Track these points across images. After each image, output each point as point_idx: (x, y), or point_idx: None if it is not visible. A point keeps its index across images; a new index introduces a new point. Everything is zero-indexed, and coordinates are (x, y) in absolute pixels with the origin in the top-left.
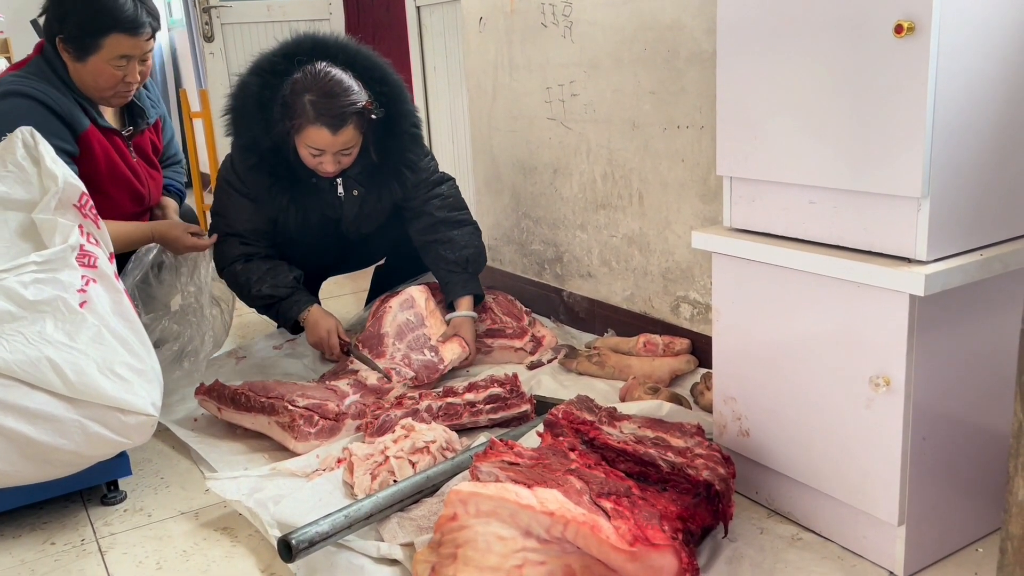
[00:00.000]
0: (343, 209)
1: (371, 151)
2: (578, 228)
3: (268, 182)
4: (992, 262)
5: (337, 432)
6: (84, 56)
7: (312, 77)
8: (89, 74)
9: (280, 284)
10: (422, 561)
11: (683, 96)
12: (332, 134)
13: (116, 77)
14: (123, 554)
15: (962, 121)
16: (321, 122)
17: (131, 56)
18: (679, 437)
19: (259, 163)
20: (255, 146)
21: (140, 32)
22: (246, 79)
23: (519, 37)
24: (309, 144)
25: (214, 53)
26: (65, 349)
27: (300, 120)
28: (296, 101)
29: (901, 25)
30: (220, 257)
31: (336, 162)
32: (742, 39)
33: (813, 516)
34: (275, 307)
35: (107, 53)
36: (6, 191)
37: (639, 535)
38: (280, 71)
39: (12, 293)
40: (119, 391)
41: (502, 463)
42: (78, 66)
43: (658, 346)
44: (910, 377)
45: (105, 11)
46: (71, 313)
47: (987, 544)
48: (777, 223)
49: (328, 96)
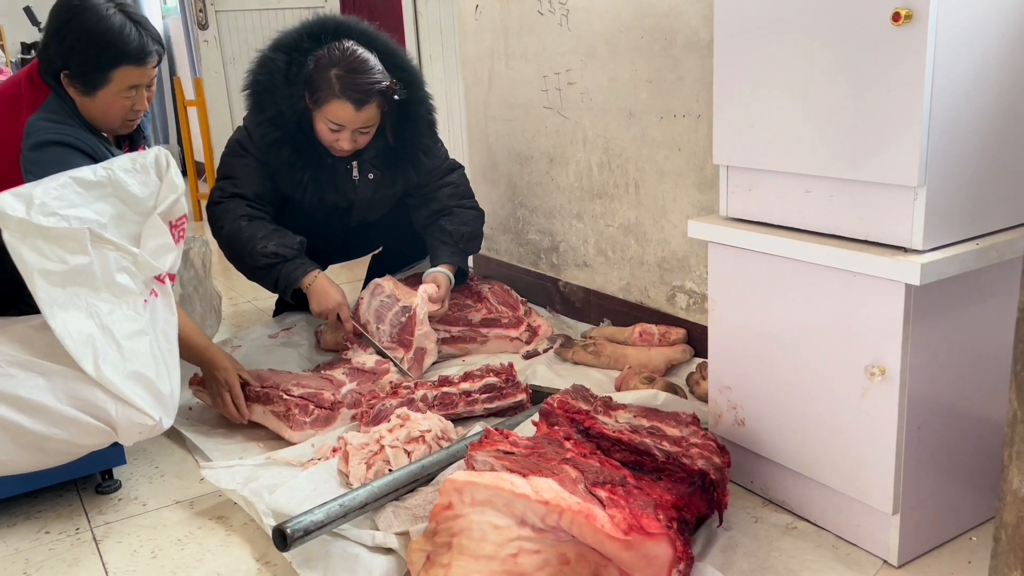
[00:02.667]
0: (357, 192)
1: (388, 135)
2: (574, 217)
3: (291, 157)
4: (988, 251)
5: (332, 421)
6: (92, 91)
7: (339, 53)
8: (98, 109)
9: (287, 244)
10: (417, 550)
11: (680, 85)
12: (356, 110)
13: (125, 107)
14: (118, 543)
15: (959, 110)
16: (346, 96)
17: (139, 85)
18: (674, 426)
19: (283, 137)
20: (280, 120)
21: (147, 61)
22: (270, 55)
23: (515, 25)
24: (330, 118)
25: (208, 41)
26: (109, 338)
27: (324, 93)
28: (321, 75)
29: (899, 13)
30: (222, 215)
31: (353, 140)
32: (739, 27)
33: (808, 505)
34: (278, 268)
35: (116, 86)
36: (134, 185)
37: (634, 524)
38: (305, 49)
39: (109, 267)
40: (136, 399)
41: (497, 452)
42: (86, 100)
43: (654, 336)
44: (905, 366)
45: (111, 45)
46: (134, 312)
47: (981, 533)
48: (773, 212)
49: (355, 72)
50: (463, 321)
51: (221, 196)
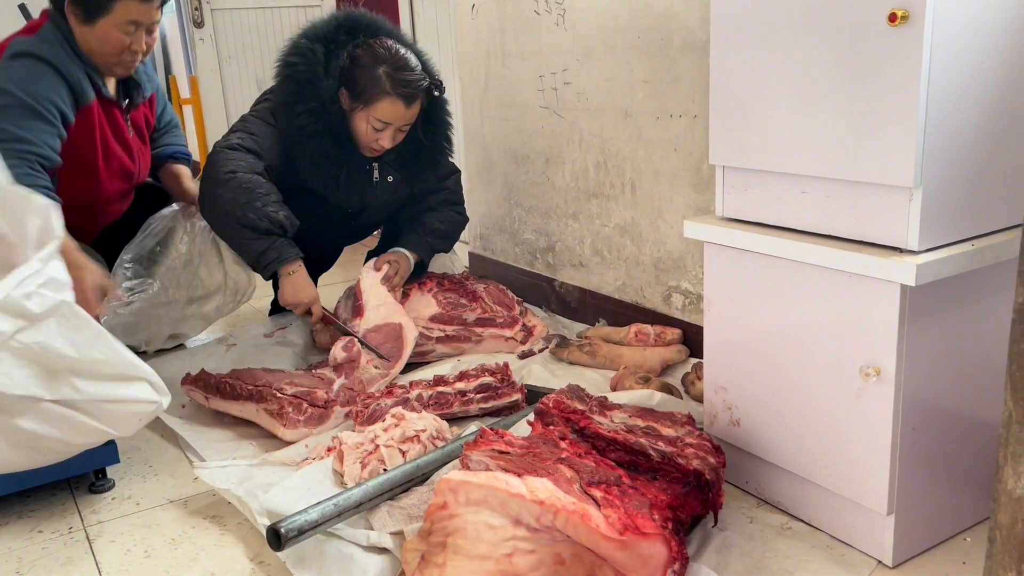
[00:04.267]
0: (375, 195)
1: (419, 134)
2: (570, 217)
3: (331, 152)
4: (983, 252)
5: (326, 420)
6: (93, 18)
7: (385, 51)
8: (96, 38)
9: (292, 222)
10: (412, 550)
11: (676, 85)
12: (406, 107)
13: (123, 43)
14: (111, 542)
15: (955, 111)
16: (398, 94)
17: (140, 23)
18: (670, 426)
19: (324, 131)
20: (323, 113)
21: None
22: (308, 44)
23: (512, 24)
24: (379, 116)
25: (204, 39)
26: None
27: (374, 92)
28: (366, 73)
29: (895, 14)
30: (238, 160)
31: (393, 138)
32: (736, 28)
33: (802, 505)
34: (275, 238)
35: (116, 17)
36: None
37: (629, 524)
38: (341, 42)
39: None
40: (131, 391)
41: (492, 452)
42: (85, 29)
43: (649, 336)
44: (900, 367)
45: None
46: (74, 318)
47: (975, 533)
48: (769, 212)
49: (404, 70)
50: (458, 320)
51: (240, 144)
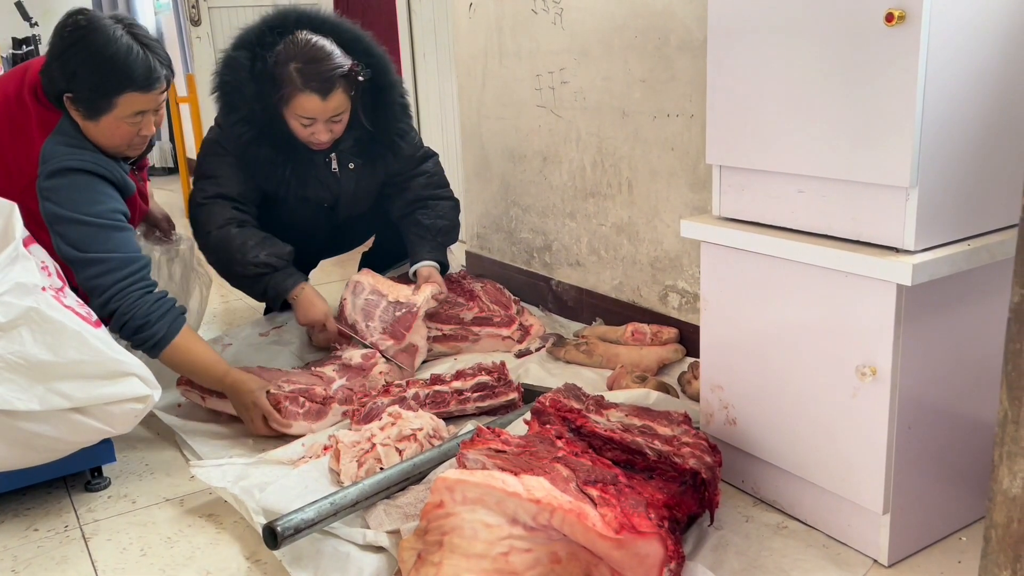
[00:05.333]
0: (340, 185)
1: (364, 121)
2: (567, 216)
3: (269, 155)
4: (979, 252)
5: (324, 415)
6: (96, 116)
7: (294, 45)
8: (102, 133)
9: (278, 254)
10: (408, 548)
11: (673, 84)
12: (322, 100)
13: (131, 133)
14: (107, 540)
15: (951, 111)
16: (310, 88)
17: (146, 111)
18: (666, 425)
19: (259, 136)
20: (252, 119)
21: (155, 87)
22: (233, 54)
23: (509, 23)
24: (300, 113)
25: (201, 37)
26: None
27: (288, 89)
28: (282, 71)
29: (892, 14)
30: (208, 219)
31: (328, 130)
32: (733, 27)
33: (798, 504)
34: (268, 278)
35: (121, 112)
36: None
37: (625, 523)
38: (268, 43)
39: None
40: (120, 388)
41: (489, 451)
42: (89, 124)
43: (646, 335)
44: (896, 366)
45: (118, 71)
46: (46, 323)
47: (971, 532)
48: (766, 212)
49: (313, 61)
50: (455, 319)
51: (204, 197)
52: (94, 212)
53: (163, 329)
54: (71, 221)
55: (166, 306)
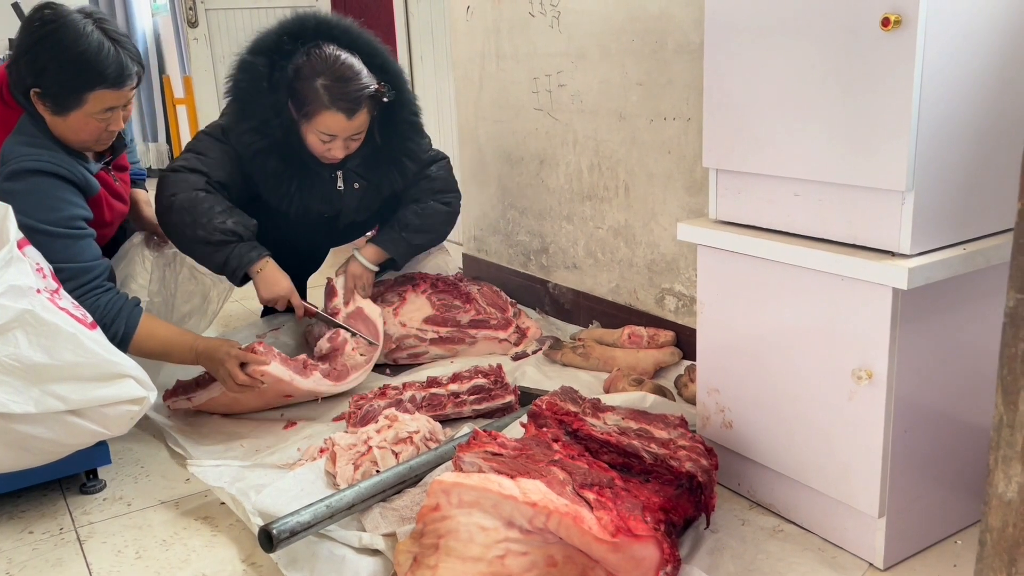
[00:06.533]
0: (343, 202)
1: (375, 137)
2: (564, 219)
3: (277, 167)
4: (975, 256)
5: (301, 370)
6: (64, 112)
7: (322, 61)
8: (70, 128)
9: (244, 225)
10: (404, 551)
11: (670, 88)
12: (348, 119)
13: (99, 128)
14: (102, 543)
15: (947, 115)
16: (337, 107)
17: (115, 107)
18: (662, 429)
19: (269, 147)
20: (266, 129)
21: (125, 84)
22: (250, 59)
23: (506, 26)
24: (322, 130)
25: (198, 39)
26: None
27: (313, 106)
28: (306, 86)
29: (888, 18)
30: (178, 183)
31: (345, 147)
32: (730, 31)
33: (794, 508)
34: (232, 246)
35: (90, 108)
36: None
37: (621, 526)
38: (287, 51)
39: None
40: (115, 390)
41: (485, 453)
42: (56, 120)
43: (643, 338)
44: (892, 370)
45: (88, 68)
46: (41, 325)
47: (966, 536)
48: (762, 215)
49: (342, 80)
50: (452, 322)
51: (183, 166)
52: (51, 220)
53: (121, 326)
54: (28, 229)
55: (119, 303)
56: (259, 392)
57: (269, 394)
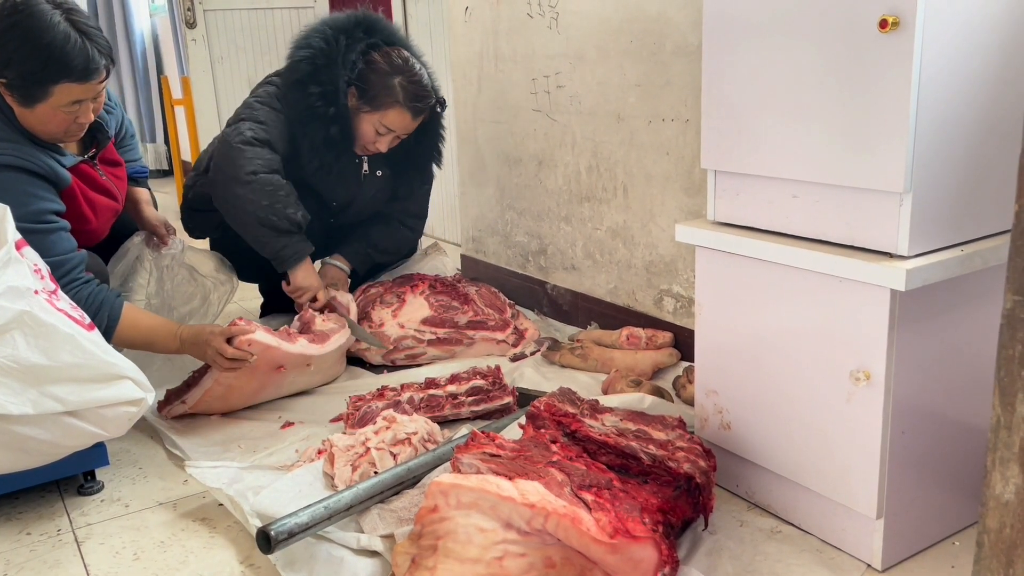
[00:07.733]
0: (361, 188)
1: (409, 139)
2: (562, 220)
3: (331, 136)
4: (973, 258)
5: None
6: (31, 104)
7: (403, 61)
8: (38, 120)
9: (306, 218)
10: (402, 553)
11: (668, 89)
12: (413, 119)
13: (67, 121)
14: (100, 544)
15: (945, 117)
16: (409, 107)
17: (83, 100)
18: (661, 430)
19: (334, 115)
20: (335, 98)
21: (92, 78)
22: (331, 33)
23: (505, 28)
24: (386, 123)
25: (196, 40)
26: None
27: (386, 99)
28: (381, 80)
29: (886, 20)
30: (256, 158)
31: (391, 144)
32: (728, 33)
33: (792, 509)
34: (294, 236)
35: (57, 101)
36: None
37: (619, 527)
38: (358, 38)
39: None
40: (113, 392)
41: (483, 455)
42: (23, 111)
43: (641, 339)
44: (890, 371)
45: (54, 60)
46: (39, 326)
47: (964, 537)
48: (760, 217)
49: (419, 84)
50: (450, 323)
51: (255, 138)
52: (19, 216)
53: (104, 319)
54: None
55: (100, 295)
56: (251, 370)
57: (261, 368)
